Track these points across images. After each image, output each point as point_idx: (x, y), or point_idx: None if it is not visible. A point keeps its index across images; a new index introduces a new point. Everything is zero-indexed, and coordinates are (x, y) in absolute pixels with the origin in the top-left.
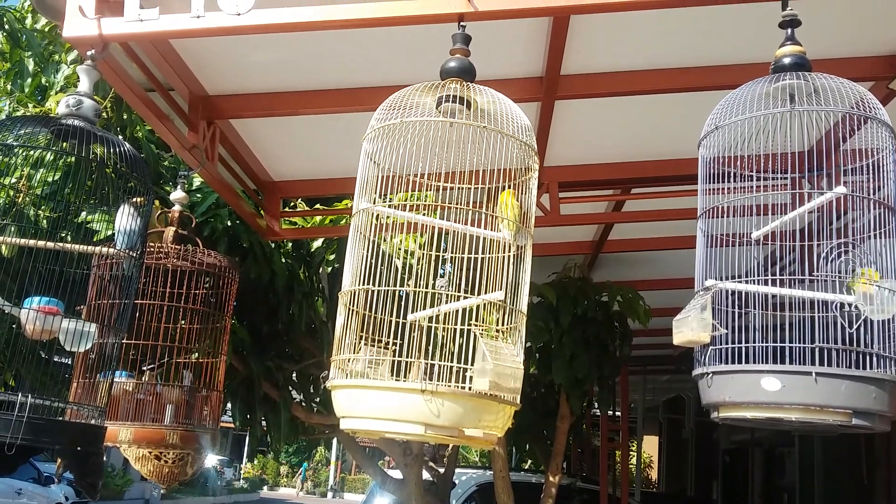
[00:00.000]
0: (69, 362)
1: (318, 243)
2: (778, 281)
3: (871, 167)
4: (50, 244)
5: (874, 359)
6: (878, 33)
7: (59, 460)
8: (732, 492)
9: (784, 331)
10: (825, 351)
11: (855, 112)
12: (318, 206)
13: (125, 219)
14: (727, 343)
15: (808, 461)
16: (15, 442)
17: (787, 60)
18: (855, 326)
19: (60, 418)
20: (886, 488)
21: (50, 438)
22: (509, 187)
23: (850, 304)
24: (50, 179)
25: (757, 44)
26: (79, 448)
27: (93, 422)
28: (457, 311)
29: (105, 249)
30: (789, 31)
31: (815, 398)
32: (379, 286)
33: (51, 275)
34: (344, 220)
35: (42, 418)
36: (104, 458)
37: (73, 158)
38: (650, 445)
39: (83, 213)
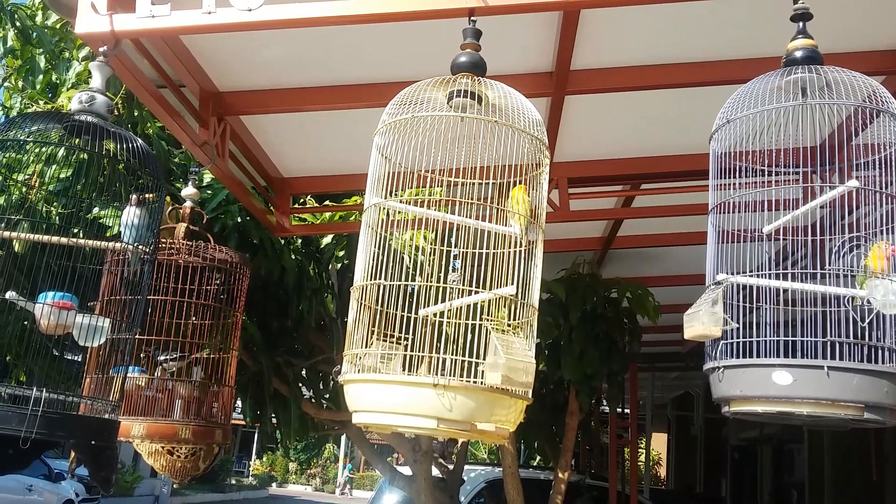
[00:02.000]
0: (79, 359)
1: (327, 239)
2: (789, 276)
3: (883, 161)
4: (63, 240)
5: (886, 353)
6: (889, 27)
7: (72, 456)
8: (741, 489)
9: (795, 325)
10: (836, 345)
11: (867, 105)
12: (327, 202)
13: (130, 214)
14: (738, 337)
15: (817, 458)
16: (30, 436)
17: (798, 54)
18: (867, 321)
19: (74, 413)
20: None
21: (64, 432)
22: (521, 183)
23: (861, 299)
24: (62, 176)
25: (768, 38)
26: (93, 442)
27: (106, 416)
28: (468, 305)
29: (117, 245)
30: (801, 24)
31: (827, 392)
32: (390, 281)
33: (63, 271)
34: (353, 217)
35: (57, 412)
36: (117, 453)
37: (85, 154)
38: (659, 442)
39: (95, 209)
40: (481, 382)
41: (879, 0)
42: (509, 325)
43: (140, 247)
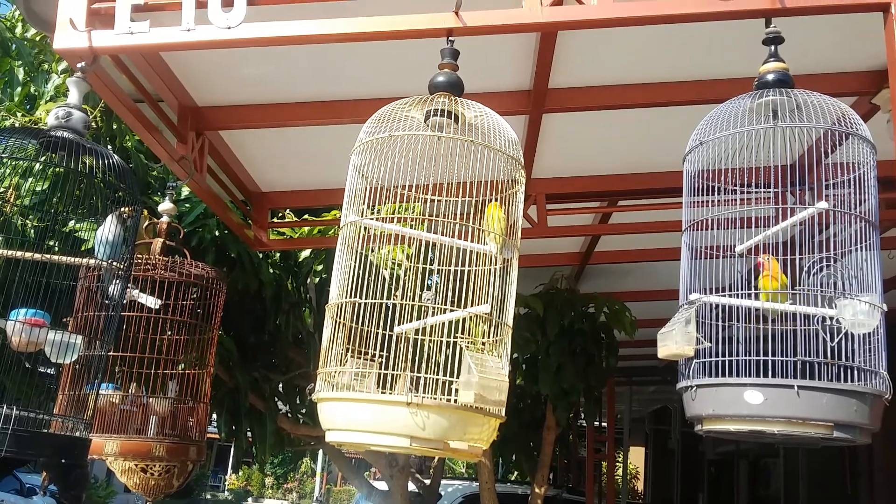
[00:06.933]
0: (53, 373)
1: (305, 254)
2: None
3: (853, 182)
4: (37, 256)
5: (856, 372)
6: (860, 49)
7: (44, 472)
8: (718, 502)
9: (768, 343)
10: (808, 364)
11: (837, 128)
12: (306, 216)
13: (106, 230)
14: (711, 356)
15: (792, 472)
16: None
17: (770, 77)
18: (836, 340)
19: (45, 430)
20: (869, 498)
21: (34, 451)
22: (496, 200)
23: (831, 318)
24: (38, 189)
25: (741, 59)
26: (63, 460)
27: (78, 434)
28: (443, 323)
29: (92, 261)
30: (772, 48)
31: (797, 411)
32: (366, 299)
33: (37, 286)
34: (332, 231)
35: (27, 430)
36: (89, 471)
37: (61, 169)
38: (636, 456)
39: (71, 223)
40: (455, 401)
41: (850, 23)
42: (484, 344)
43: (114, 263)
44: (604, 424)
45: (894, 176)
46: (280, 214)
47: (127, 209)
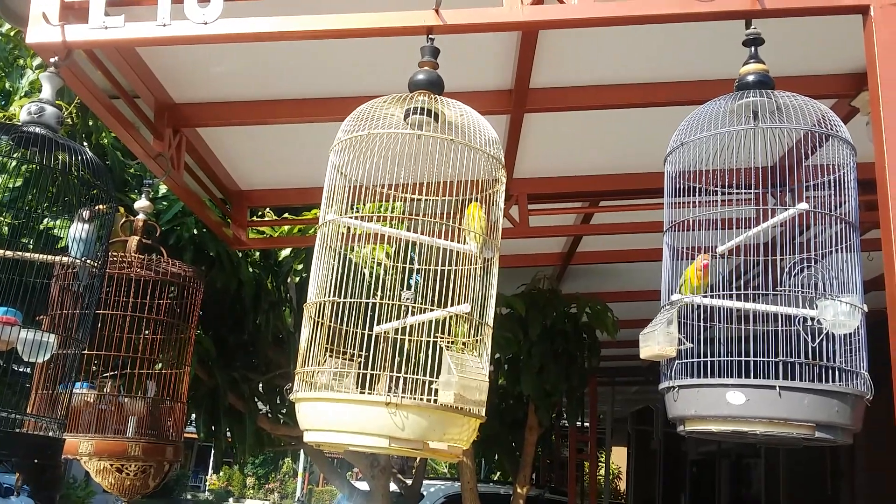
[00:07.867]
0: (28, 371)
1: (285, 253)
2: (742, 295)
3: (833, 183)
4: (9, 253)
5: (837, 372)
6: (840, 52)
7: (17, 473)
8: (700, 502)
9: (749, 344)
10: (790, 365)
11: (817, 129)
12: (286, 215)
13: (78, 228)
14: (693, 357)
15: (773, 472)
16: None
17: (750, 78)
18: (817, 341)
19: (18, 430)
20: (850, 498)
21: (6, 451)
22: (476, 200)
23: (811, 319)
24: (11, 186)
25: (722, 60)
26: (36, 461)
27: (51, 434)
28: (424, 323)
29: (66, 259)
30: (753, 49)
31: (779, 412)
32: (346, 298)
33: (10, 284)
34: (312, 230)
35: None
36: (63, 471)
37: (35, 165)
38: (619, 456)
39: (45, 220)
40: (435, 401)
41: (831, 26)
42: (464, 343)
43: (88, 261)
44: (586, 424)
45: (874, 178)
46: (259, 213)
47: (102, 206)
